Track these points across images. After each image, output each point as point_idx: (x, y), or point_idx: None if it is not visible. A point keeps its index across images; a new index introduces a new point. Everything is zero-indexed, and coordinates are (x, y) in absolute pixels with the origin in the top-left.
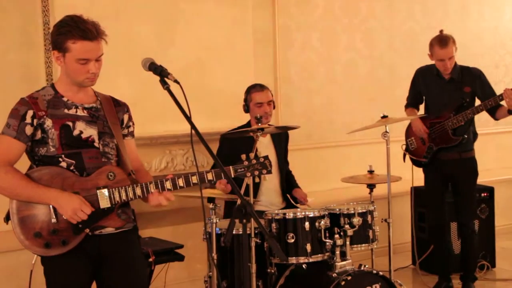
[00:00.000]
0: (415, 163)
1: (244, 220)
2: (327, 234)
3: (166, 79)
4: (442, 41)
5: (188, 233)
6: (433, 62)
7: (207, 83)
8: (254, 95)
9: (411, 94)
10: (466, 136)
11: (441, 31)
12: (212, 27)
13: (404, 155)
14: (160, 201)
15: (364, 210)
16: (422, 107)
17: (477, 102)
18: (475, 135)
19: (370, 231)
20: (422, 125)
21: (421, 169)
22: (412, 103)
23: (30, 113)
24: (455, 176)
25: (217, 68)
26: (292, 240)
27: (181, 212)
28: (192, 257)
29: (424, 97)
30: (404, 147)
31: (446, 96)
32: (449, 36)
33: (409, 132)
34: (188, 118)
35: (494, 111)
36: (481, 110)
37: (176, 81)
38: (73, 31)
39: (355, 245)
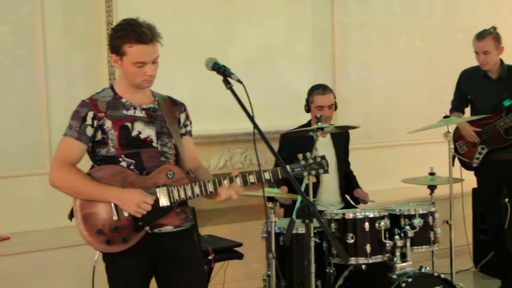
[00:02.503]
0: (466, 166)
1: (307, 220)
2: (387, 235)
3: (229, 78)
4: (480, 34)
5: (246, 231)
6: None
7: (265, 82)
8: (316, 98)
9: (457, 98)
10: None
11: (493, 28)
12: (271, 25)
13: (453, 159)
14: (231, 195)
15: (425, 211)
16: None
17: None
18: None
19: (431, 232)
20: (471, 129)
21: None
22: (457, 106)
23: (90, 114)
24: (510, 178)
25: (276, 66)
26: (352, 241)
27: (238, 211)
28: (249, 256)
29: (471, 99)
30: (453, 150)
31: (495, 95)
32: (491, 31)
33: (457, 135)
34: (251, 118)
35: None
36: None
37: (239, 81)
38: (129, 35)
39: (415, 247)
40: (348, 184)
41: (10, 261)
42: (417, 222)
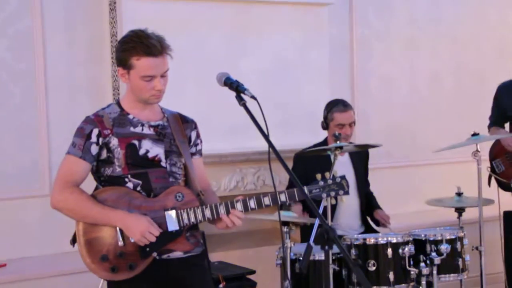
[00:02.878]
0: (503, 186)
1: (326, 247)
2: (412, 262)
3: (242, 94)
4: None
5: (259, 257)
6: None
7: (279, 97)
8: (336, 115)
9: (495, 112)
10: None
11: None
12: (285, 36)
13: (490, 178)
14: (228, 224)
15: (453, 237)
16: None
17: None
18: None
19: (460, 259)
20: None
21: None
22: (496, 122)
23: (95, 131)
24: None
25: (291, 81)
26: (373, 268)
27: (251, 235)
28: (263, 284)
29: (510, 114)
30: (489, 169)
31: None
32: None
33: (494, 152)
34: (266, 137)
35: None
36: None
37: (253, 97)
38: (137, 47)
39: (442, 275)
40: (368, 204)
41: None
42: (444, 248)
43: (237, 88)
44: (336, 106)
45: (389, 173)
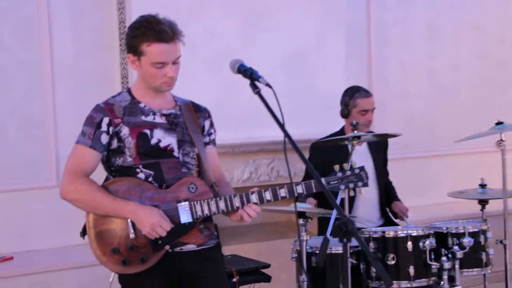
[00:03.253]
0: None
1: (345, 239)
2: (433, 256)
3: (256, 82)
4: None
5: (273, 251)
6: None
7: (293, 85)
8: (360, 101)
9: None
10: None
11: None
12: (300, 22)
13: None
14: (244, 216)
15: (476, 229)
16: None
17: None
18: None
19: (483, 253)
20: None
21: None
22: None
23: (105, 120)
24: None
25: (305, 68)
26: (393, 262)
27: (265, 228)
28: (278, 278)
29: None
30: None
31: None
32: None
33: None
34: (282, 126)
35: None
36: None
37: (268, 85)
38: (148, 33)
39: (465, 269)
40: (386, 195)
41: (13, 284)
42: (467, 241)
43: (251, 75)
44: (358, 92)
45: (408, 163)
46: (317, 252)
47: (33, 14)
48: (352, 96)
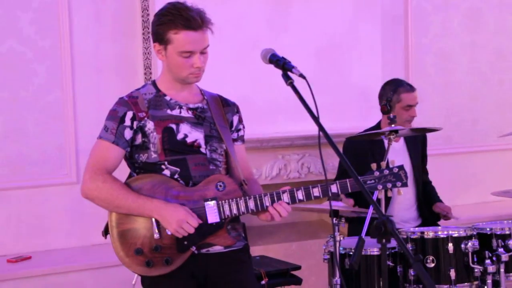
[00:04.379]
0: None
1: (384, 240)
2: (476, 259)
3: (289, 73)
4: None
5: (303, 252)
6: None
7: (326, 76)
8: (405, 96)
9: None
10: None
11: None
12: (333, 10)
13: None
14: (274, 216)
15: None
16: None
17: None
18: None
19: None
20: None
21: None
22: None
23: (129, 114)
24: None
25: (339, 58)
26: (432, 265)
27: (294, 228)
28: (309, 281)
29: None
30: None
31: None
32: None
33: None
34: (316, 119)
35: None
36: None
37: (301, 76)
38: (176, 20)
39: (511, 274)
40: (427, 197)
41: (31, 284)
42: None
43: (283, 65)
44: (401, 86)
45: (449, 160)
46: (351, 253)
47: (53, 1)
48: (396, 91)
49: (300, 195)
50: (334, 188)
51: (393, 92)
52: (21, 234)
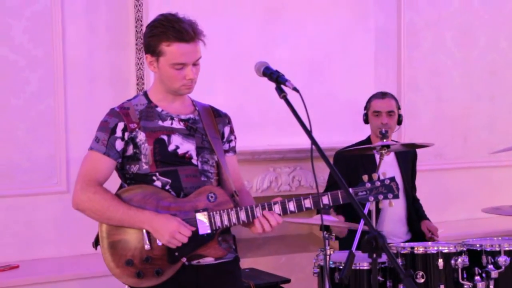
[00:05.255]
0: None
1: (375, 255)
2: (465, 275)
3: (283, 86)
4: None
5: (293, 265)
6: None
7: (317, 90)
8: (374, 103)
9: None
10: None
11: None
12: (326, 23)
13: None
14: (264, 226)
15: None
16: None
17: None
18: None
19: None
20: None
21: None
22: None
23: (120, 125)
24: None
25: (331, 72)
26: (422, 280)
27: (284, 240)
28: None
29: None
30: None
31: None
32: None
33: None
34: (309, 133)
35: None
36: None
37: (295, 89)
38: (168, 32)
39: None
40: (415, 213)
41: None
42: (503, 260)
43: (277, 79)
44: (375, 95)
45: (439, 175)
46: (341, 267)
47: (46, 10)
48: (369, 100)
49: (291, 206)
50: (325, 200)
51: (367, 101)
52: (10, 243)
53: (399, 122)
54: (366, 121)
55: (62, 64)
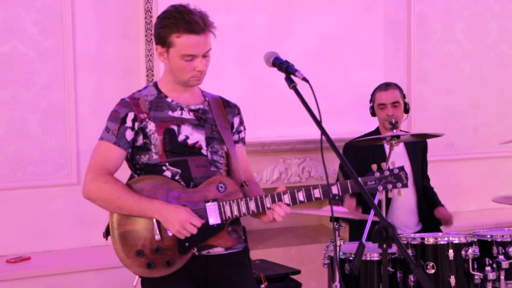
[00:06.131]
0: None
1: (385, 245)
2: (476, 266)
3: (293, 76)
4: None
5: (303, 256)
6: None
7: (327, 81)
8: (378, 95)
9: None
10: None
11: None
12: (335, 14)
13: None
14: (274, 216)
15: None
16: None
17: None
18: None
19: None
20: None
21: None
22: None
23: (131, 115)
24: None
25: (340, 63)
26: (432, 271)
27: (294, 232)
28: (308, 285)
29: None
30: None
31: None
32: None
33: None
34: (319, 123)
35: None
36: None
37: (305, 79)
38: (178, 23)
39: (511, 281)
40: (428, 202)
41: (30, 285)
42: None
43: (287, 69)
44: (378, 86)
45: (450, 166)
46: (351, 258)
47: (56, 2)
48: (373, 92)
49: (301, 196)
50: (335, 189)
51: (372, 94)
52: (21, 234)
53: (406, 111)
54: (373, 114)
55: (72, 55)
